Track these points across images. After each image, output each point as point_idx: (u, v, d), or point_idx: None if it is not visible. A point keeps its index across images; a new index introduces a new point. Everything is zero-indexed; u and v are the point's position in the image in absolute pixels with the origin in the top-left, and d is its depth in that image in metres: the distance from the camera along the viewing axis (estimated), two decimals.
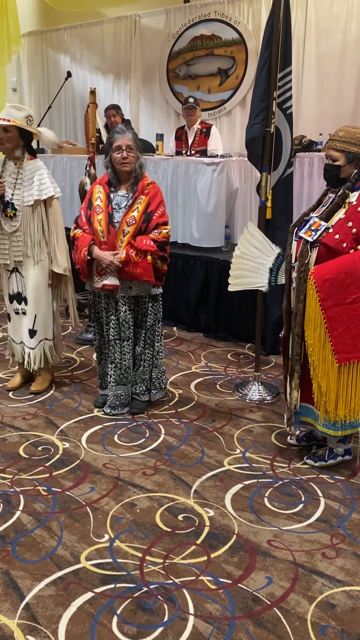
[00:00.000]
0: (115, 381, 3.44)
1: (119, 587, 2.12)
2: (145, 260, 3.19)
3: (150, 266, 3.20)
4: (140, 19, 7.02)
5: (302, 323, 2.71)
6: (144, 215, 3.21)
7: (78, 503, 2.61)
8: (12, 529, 2.43)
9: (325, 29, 5.64)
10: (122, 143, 3.17)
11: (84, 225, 3.29)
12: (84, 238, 3.25)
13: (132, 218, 3.20)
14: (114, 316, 3.33)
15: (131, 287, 3.29)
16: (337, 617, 2.00)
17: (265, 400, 3.67)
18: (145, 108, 7.26)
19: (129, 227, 3.19)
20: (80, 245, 3.25)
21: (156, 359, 3.50)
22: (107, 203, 3.24)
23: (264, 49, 3.41)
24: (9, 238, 3.51)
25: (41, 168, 3.46)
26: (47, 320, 3.63)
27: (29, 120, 3.40)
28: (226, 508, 2.59)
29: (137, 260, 3.17)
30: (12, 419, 3.40)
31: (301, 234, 2.71)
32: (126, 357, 3.40)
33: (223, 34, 6.40)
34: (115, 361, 3.39)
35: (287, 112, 3.50)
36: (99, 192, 3.29)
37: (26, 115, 3.38)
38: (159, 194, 3.30)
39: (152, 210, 3.23)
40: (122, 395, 3.47)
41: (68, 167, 5.83)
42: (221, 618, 1.99)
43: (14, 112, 3.37)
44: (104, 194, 3.27)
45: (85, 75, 7.64)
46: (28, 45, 8.01)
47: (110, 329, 3.35)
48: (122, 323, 3.32)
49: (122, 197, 3.26)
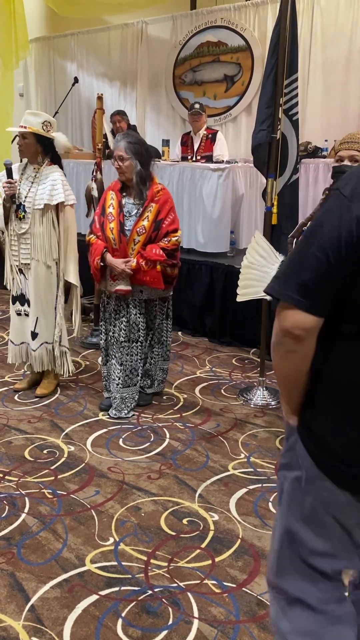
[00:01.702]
0: (122, 383, 3.47)
1: (123, 590, 2.13)
2: (155, 269, 3.29)
3: (159, 274, 3.30)
4: (146, 25, 7.07)
5: None
6: (154, 224, 3.29)
7: (83, 506, 2.62)
8: (17, 531, 2.45)
9: (331, 37, 5.68)
10: (116, 154, 3.28)
11: (98, 231, 3.38)
12: (97, 245, 3.35)
13: (143, 227, 3.27)
14: (125, 318, 3.40)
15: (142, 291, 3.39)
16: None
17: (269, 405, 3.68)
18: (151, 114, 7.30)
19: (139, 237, 3.28)
20: (94, 252, 3.35)
21: (167, 354, 3.66)
22: (119, 211, 3.30)
23: (271, 55, 3.44)
24: (19, 239, 3.54)
25: (57, 174, 3.48)
26: (49, 323, 3.64)
27: (46, 125, 3.42)
28: (231, 512, 2.59)
29: (147, 269, 3.27)
30: (17, 422, 3.42)
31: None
32: (134, 358, 3.45)
33: (229, 41, 6.43)
34: (124, 363, 3.44)
35: (293, 119, 3.52)
36: (111, 199, 3.36)
37: (43, 121, 3.41)
38: (169, 201, 3.36)
39: (162, 219, 3.31)
40: (127, 398, 3.50)
41: (74, 173, 5.86)
42: (225, 622, 2.00)
43: (30, 119, 3.40)
44: (116, 201, 3.34)
45: (92, 81, 7.69)
46: (35, 51, 8.06)
47: (121, 330, 3.41)
48: (132, 325, 3.40)
49: (133, 205, 3.33)
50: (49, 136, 3.46)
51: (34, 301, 3.59)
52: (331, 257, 1.16)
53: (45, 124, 3.42)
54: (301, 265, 1.20)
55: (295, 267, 1.22)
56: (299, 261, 1.22)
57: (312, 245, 1.19)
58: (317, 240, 1.18)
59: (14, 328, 3.75)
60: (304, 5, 5.74)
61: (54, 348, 3.68)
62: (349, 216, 1.14)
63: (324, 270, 1.17)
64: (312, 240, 1.19)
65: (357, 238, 1.13)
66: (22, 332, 3.71)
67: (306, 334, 1.21)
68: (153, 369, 3.65)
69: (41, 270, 3.54)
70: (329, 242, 1.16)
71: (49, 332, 3.65)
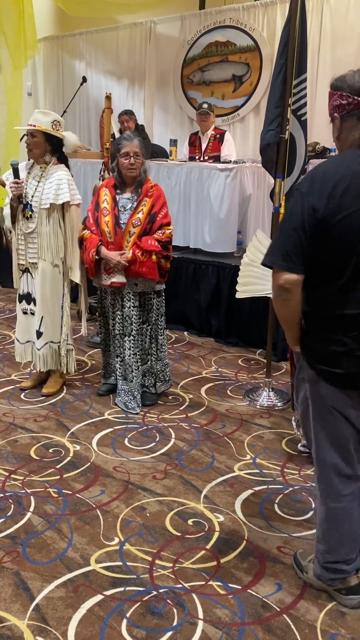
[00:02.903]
0: (121, 375, 3.58)
1: (128, 591, 2.13)
2: (150, 260, 3.38)
3: (155, 265, 3.40)
4: (155, 25, 7.06)
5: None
6: (148, 217, 3.39)
7: (88, 505, 2.62)
8: (22, 530, 2.45)
9: (341, 37, 5.65)
10: (130, 150, 3.34)
11: (92, 226, 3.48)
12: (92, 239, 3.44)
13: (138, 220, 3.37)
14: (120, 312, 3.49)
15: (137, 284, 3.46)
16: (347, 625, 1.99)
17: (276, 407, 3.67)
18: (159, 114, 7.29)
19: (134, 229, 3.37)
20: (88, 245, 3.44)
21: (160, 352, 3.66)
22: (114, 205, 3.42)
23: (280, 55, 3.42)
24: (25, 239, 3.54)
25: (62, 173, 3.49)
26: (54, 323, 3.65)
27: (55, 125, 3.43)
28: (236, 513, 2.59)
29: (143, 260, 3.36)
30: (23, 421, 3.42)
31: None
32: (129, 352, 3.52)
33: (238, 41, 6.42)
34: (120, 355, 3.55)
35: (302, 119, 3.50)
36: (105, 195, 3.47)
37: (52, 120, 3.42)
38: (162, 196, 3.48)
39: (156, 212, 3.42)
40: (128, 391, 3.58)
41: (82, 172, 5.87)
42: (230, 624, 1.99)
43: (40, 117, 3.41)
44: (110, 197, 3.45)
45: (100, 80, 7.69)
46: (44, 50, 8.07)
47: (117, 324, 3.52)
48: (125, 318, 3.48)
49: (127, 199, 3.44)
50: (59, 135, 3.46)
51: (40, 300, 3.59)
52: (300, 233, 1.71)
53: (55, 123, 3.43)
54: (282, 242, 1.76)
55: (278, 244, 1.78)
56: (280, 239, 1.78)
57: (287, 227, 1.74)
58: (290, 224, 1.73)
59: (20, 326, 3.76)
60: (314, 4, 5.72)
61: (60, 347, 3.68)
62: (307, 205, 1.69)
63: (297, 243, 1.72)
64: (287, 224, 1.75)
65: (313, 219, 1.69)
66: (27, 331, 3.72)
67: (293, 287, 1.78)
68: (154, 367, 3.68)
69: (48, 270, 3.54)
70: (298, 223, 1.71)
71: (54, 332, 3.65)
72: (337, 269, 1.73)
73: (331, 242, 1.70)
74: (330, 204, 1.67)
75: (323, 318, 1.82)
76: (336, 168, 1.70)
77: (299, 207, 1.71)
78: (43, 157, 3.50)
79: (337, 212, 1.66)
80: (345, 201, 1.66)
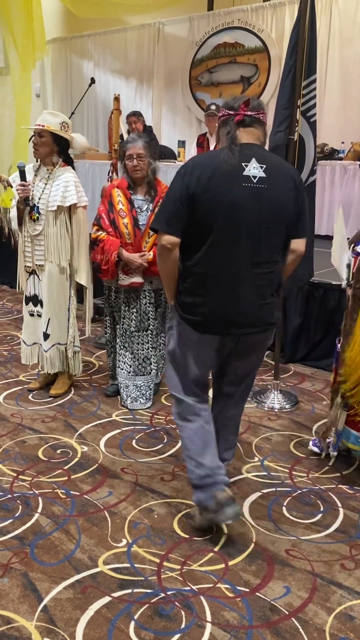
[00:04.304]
0: (134, 371, 3.59)
1: (136, 592, 2.12)
2: None
3: None
4: (163, 26, 7.08)
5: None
6: None
7: (96, 507, 2.62)
8: (30, 531, 2.45)
9: (349, 37, 5.65)
10: (134, 152, 3.37)
11: (108, 227, 3.46)
12: (112, 241, 3.43)
13: None
14: (135, 309, 3.53)
15: (152, 282, 3.53)
16: (355, 629, 1.98)
17: (284, 409, 3.66)
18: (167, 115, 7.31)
19: None
20: (109, 248, 3.43)
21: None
22: (130, 207, 3.42)
23: (289, 56, 3.41)
24: (32, 241, 3.55)
25: (70, 175, 3.49)
26: (61, 324, 3.65)
27: (64, 126, 3.43)
28: (244, 516, 2.58)
29: None
30: (31, 422, 3.43)
31: (359, 249, 2.62)
32: (145, 347, 3.57)
33: (246, 42, 6.43)
34: (134, 352, 3.57)
35: (311, 120, 3.49)
36: (119, 196, 3.46)
37: (61, 122, 3.42)
38: None
39: None
40: (142, 386, 3.61)
41: (90, 173, 5.89)
42: (239, 627, 1.98)
43: (49, 118, 3.42)
44: (125, 199, 3.45)
45: (108, 81, 7.71)
46: (52, 51, 8.10)
47: (132, 321, 3.54)
48: (142, 315, 3.53)
49: (142, 201, 3.46)
50: (67, 136, 3.47)
51: (46, 302, 3.60)
52: (178, 204, 2.19)
53: (63, 124, 3.43)
54: (166, 210, 2.24)
55: (163, 212, 2.25)
56: (164, 209, 2.25)
57: (170, 199, 2.23)
58: (172, 197, 2.22)
59: (27, 329, 3.76)
60: (322, 5, 5.72)
61: (66, 349, 3.68)
62: (182, 183, 2.19)
63: (176, 211, 2.20)
64: (169, 197, 2.24)
65: (187, 194, 2.17)
66: (34, 333, 3.73)
67: (172, 246, 2.24)
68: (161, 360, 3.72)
69: (55, 272, 3.55)
70: (178, 196, 2.19)
71: (61, 334, 3.66)
72: (202, 235, 2.21)
73: (198, 212, 2.19)
74: (199, 183, 2.17)
75: (191, 275, 2.28)
76: (206, 160, 2.28)
77: (178, 185, 2.21)
78: (50, 157, 3.50)
79: (203, 191, 2.17)
80: (209, 183, 2.17)
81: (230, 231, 2.18)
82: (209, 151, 2.51)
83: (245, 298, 2.25)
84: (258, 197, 2.17)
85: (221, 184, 2.16)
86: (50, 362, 3.67)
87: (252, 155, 2.19)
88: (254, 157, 2.19)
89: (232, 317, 2.27)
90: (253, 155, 2.19)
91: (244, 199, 2.16)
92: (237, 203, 2.16)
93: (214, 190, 2.16)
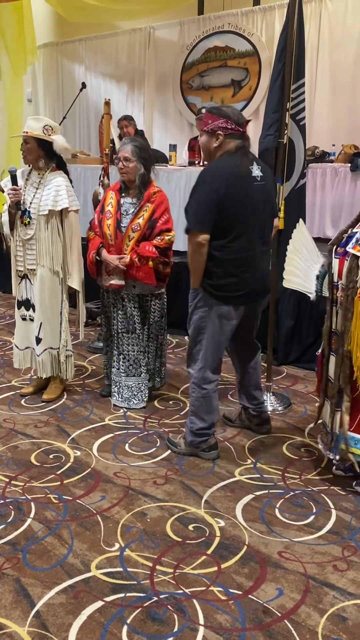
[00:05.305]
0: (125, 372, 3.63)
1: (129, 597, 2.12)
2: (147, 266, 3.43)
3: (151, 270, 3.44)
4: (154, 30, 7.09)
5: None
6: (148, 222, 3.44)
7: (89, 511, 2.62)
8: (23, 537, 2.44)
9: (339, 41, 5.67)
10: (121, 155, 3.45)
11: (96, 228, 3.58)
12: (94, 241, 3.54)
13: (138, 225, 3.43)
14: (121, 311, 3.58)
15: (135, 286, 3.55)
16: (348, 630, 1.98)
17: (276, 411, 3.66)
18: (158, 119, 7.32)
19: (134, 233, 3.43)
20: (90, 247, 3.54)
21: (160, 350, 3.74)
22: (117, 209, 3.48)
23: (278, 60, 3.43)
24: (24, 245, 3.55)
25: (61, 180, 3.49)
26: (53, 329, 3.65)
27: (47, 130, 3.44)
28: (237, 518, 2.58)
29: (140, 265, 3.42)
30: (24, 427, 3.42)
31: (349, 249, 2.62)
32: (134, 348, 3.60)
33: (236, 46, 6.45)
34: (123, 352, 3.61)
35: (301, 124, 3.51)
36: (111, 198, 3.55)
37: (44, 126, 3.43)
38: (164, 202, 3.53)
39: (157, 218, 3.47)
40: (133, 387, 3.64)
41: (82, 177, 5.88)
42: (231, 629, 1.99)
43: (32, 124, 3.43)
44: (115, 200, 3.52)
45: (100, 86, 7.72)
46: (43, 56, 8.10)
47: (119, 322, 3.60)
48: (128, 317, 3.56)
49: (130, 204, 3.50)
50: (49, 139, 3.46)
51: (38, 306, 3.60)
52: (211, 206, 2.71)
53: (47, 128, 3.43)
54: (198, 212, 2.74)
55: (196, 214, 2.75)
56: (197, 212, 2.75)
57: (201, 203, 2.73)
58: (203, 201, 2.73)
59: (19, 333, 3.76)
60: (312, 9, 5.75)
61: (59, 354, 3.68)
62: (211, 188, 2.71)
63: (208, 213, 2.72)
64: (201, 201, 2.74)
65: (217, 198, 2.70)
66: (26, 337, 3.73)
67: (206, 242, 2.76)
68: (151, 364, 3.75)
69: (47, 276, 3.55)
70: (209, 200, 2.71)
71: (53, 338, 3.66)
72: (228, 228, 2.76)
73: (226, 210, 2.72)
74: (227, 187, 2.71)
75: (218, 261, 2.80)
76: (226, 167, 2.77)
77: (207, 190, 2.72)
78: (37, 162, 3.51)
79: (230, 192, 2.71)
80: (234, 185, 2.72)
81: (248, 222, 2.78)
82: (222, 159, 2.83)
83: (259, 273, 2.90)
84: (261, 192, 2.84)
85: (242, 185, 2.75)
86: (42, 367, 3.67)
87: (253, 159, 2.86)
88: (254, 160, 2.86)
89: (254, 289, 2.90)
90: (253, 159, 2.87)
91: (255, 195, 2.80)
92: (252, 199, 2.78)
93: (238, 191, 2.74)
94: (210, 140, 2.85)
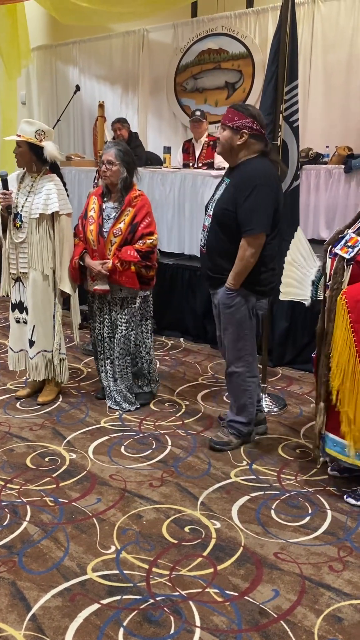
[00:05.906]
0: (112, 377, 3.65)
1: (125, 599, 2.12)
2: (130, 270, 3.43)
3: (134, 274, 3.45)
4: (148, 33, 7.10)
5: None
6: (129, 227, 3.44)
7: (84, 514, 2.62)
8: (19, 540, 2.44)
9: (332, 42, 5.69)
10: (105, 158, 3.45)
11: (80, 233, 3.59)
12: (78, 247, 3.56)
13: (119, 229, 3.43)
14: (107, 315, 3.59)
15: (121, 290, 3.53)
16: (344, 630, 1.99)
17: (272, 412, 3.67)
18: (152, 121, 7.32)
19: (115, 238, 3.43)
20: (74, 253, 3.56)
21: (148, 354, 3.75)
22: (99, 214, 3.48)
23: (271, 63, 3.44)
24: (16, 249, 3.55)
25: (51, 184, 3.49)
26: (46, 332, 3.65)
27: (39, 134, 3.43)
28: (233, 520, 2.58)
29: (122, 270, 3.42)
30: (19, 430, 3.42)
31: (337, 250, 2.62)
32: (122, 352, 3.60)
33: (230, 48, 6.46)
34: (111, 357, 3.64)
35: (294, 126, 3.52)
36: (93, 203, 3.55)
37: (36, 130, 3.42)
38: (145, 206, 3.51)
39: (138, 222, 3.46)
40: (122, 391, 3.65)
41: (76, 180, 5.88)
42: (228, 631, 1.99)
43: (25, 127, 3.43)
44: (97, 205, 3.52)
45: (94, 88, 7.72)
46: (37, 59, 8.10)
47: (105, 327, 3.61)
48: (114, 322, 3.57)
49: (112, 209, 3.50)
50: (40, 145, 3.46)
51: (31, 310, 3.60)
52: (272, 210, 2.88)
53: (39, 132, 3.43)
54: (266, 216, 2.87)
55: (262, 218, 2.86)
56: (265, 214, 2.87)
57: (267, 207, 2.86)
58: (268, 205, 2.86)
59: (13, 335, 3.77)
60: (305, 11, 5.76)
61: (52, 356, 3.68)
62: (272, 193, 2.87)
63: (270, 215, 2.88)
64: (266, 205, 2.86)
65: (276, 201, 2.89)
66: (20, 340, 3.73)
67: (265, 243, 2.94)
68: (144, 368, 3.76)
69: (39, 279, 3.55)
70: (272, 203, 2.87)
71: (47, 341, 3.65)
72: (273, 228, 2.94)
73: (276, 212, 2.91)
74: (276, 188, 2.92)
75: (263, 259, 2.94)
76: (272, 170, 2.94)
77: (271, 195, 2.86)
78: (30, 166, 3.52)
79: (277, 194, 2.92)
80: (278, 188, 2.95)
81: (279, 220, 2.99)
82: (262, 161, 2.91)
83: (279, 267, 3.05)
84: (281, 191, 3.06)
85: (280, 186, 3.02)
86: (36, 369, 3.66)
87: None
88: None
89: (278, 281, 3.03)
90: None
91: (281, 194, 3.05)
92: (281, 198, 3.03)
93: (280, 192, 2.99)
94: (233, 137, 2.87)
